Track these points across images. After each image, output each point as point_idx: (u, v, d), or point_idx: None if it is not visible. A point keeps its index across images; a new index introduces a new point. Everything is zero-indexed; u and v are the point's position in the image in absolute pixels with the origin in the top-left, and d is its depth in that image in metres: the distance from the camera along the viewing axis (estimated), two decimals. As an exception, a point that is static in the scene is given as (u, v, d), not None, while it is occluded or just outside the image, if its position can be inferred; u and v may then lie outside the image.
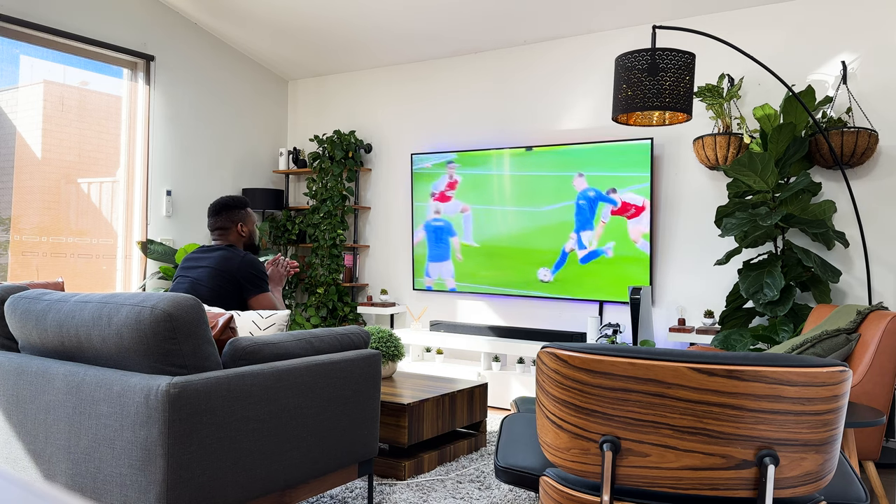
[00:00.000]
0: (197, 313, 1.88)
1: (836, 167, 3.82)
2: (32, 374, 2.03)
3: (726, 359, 1.31)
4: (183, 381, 1.77)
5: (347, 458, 2.36)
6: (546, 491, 1.59)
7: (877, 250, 3.81)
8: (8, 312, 2.18)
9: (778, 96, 4.07)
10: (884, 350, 2.75)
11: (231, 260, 2.91)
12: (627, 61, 2.71)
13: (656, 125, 2.97)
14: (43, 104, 4.43)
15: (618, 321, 4.52)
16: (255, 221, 3.23)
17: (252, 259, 2.97)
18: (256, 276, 2.93)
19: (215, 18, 5.13)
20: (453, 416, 3.27)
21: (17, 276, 4.29)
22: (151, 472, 1.75)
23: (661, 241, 4.42)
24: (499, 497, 2.73)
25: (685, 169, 4.34)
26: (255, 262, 2.97)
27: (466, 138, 5.15)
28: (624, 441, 1.38)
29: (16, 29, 4.22)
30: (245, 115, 5.70)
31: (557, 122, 4.78)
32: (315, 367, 2.21)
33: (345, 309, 5.40)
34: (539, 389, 1.48)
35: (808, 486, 1.37)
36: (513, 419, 2.11)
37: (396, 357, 3.46)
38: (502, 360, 4.77)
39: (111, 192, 4.86)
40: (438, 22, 4.73)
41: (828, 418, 1.32)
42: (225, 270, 2.89)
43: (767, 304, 3.52)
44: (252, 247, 3.17)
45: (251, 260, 2.96)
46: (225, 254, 2.94)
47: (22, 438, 2.05)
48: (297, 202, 6.03)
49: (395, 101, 5.51)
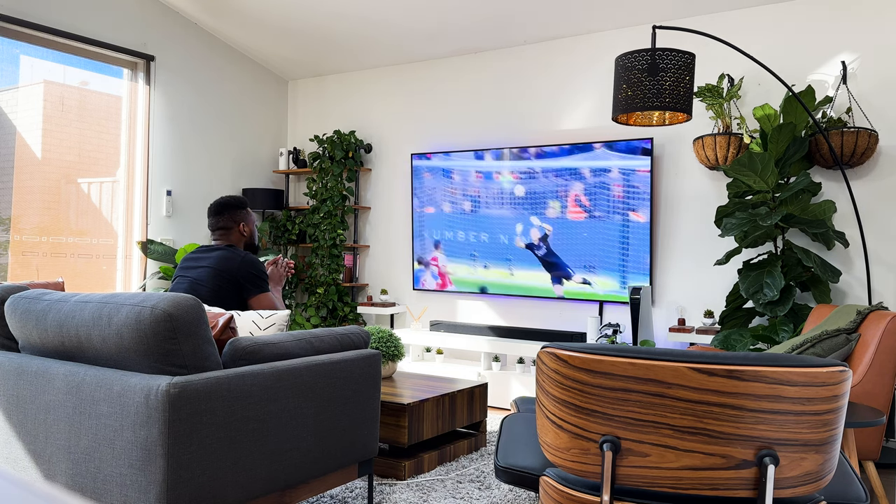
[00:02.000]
0: (197, 313, 1.88)
1: (836, 167, 3.82)
2: (32, 374, 2.03)
3: (726, 359, 1.31)
4: (183, 381, 1.77)
5: (347, 458, 2.36)
6: (546, 491, 1.59)
7: (877, 250, 3.81)
8: (8, 312, 2.18)
9: (778, 96, 4.07)
10: (884, 350, 2.75)
11: (231, 260, 2.90)
12: (627, 61, 2.71)
13: (656, 125, 2.97)
14: (43, 104, 4.43)
15: (618, 321, 4.52)
16: (255, 221, 3.23)
17: (252, 259, 2.96)
18: (257, 276, 2.93)
19: (215, 18, 5.13)
20: (453, 416, 3.27)
21: (17, 276, 4.29)
22: (151, 472, 1.75)
23: (661, 241, 4.42)
24: (499, 497, 2.73)
25: (685, 169, 4.34)
26: (255, 261, 2.96)
27: (466, 138, 5.15)
28: (624, 441, 1.38)
29: (16, 29, 4.22)
30: (245, 115, 5.70)
31: (557, 122, 4.78)
32: (315, 367, 2.21)
33: (345, 309, 5.40)
34: (539, 389, 1.48)
35: (808, 486, 1.37)
36: (513, 419, 2.11)
37: (396, 357, 3.46)
38: (502, 360, 4.77)
39: (111, 192, 4.86)
40: (438, 22, 4.73)
41: (828, 418, 1.32)
42: (225, 270, 2.88)
43: (767, 304, 3.52)
44: (252, 246, 3.16)
45: (251, 260, 2.95)
46: (225, 254, 2.93)
47: (22, 438, 2.05)
48: (297, 202, 6.03)
49: (395, 101, 5.51)
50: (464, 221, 5.00)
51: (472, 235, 4.96)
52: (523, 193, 4.74)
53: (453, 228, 5.04)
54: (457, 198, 5.02)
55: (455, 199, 5.03)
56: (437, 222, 5.12)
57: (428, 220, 5.15)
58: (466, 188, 4.97)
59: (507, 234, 4.82)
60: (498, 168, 4.83)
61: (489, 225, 4.89)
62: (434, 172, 5.11)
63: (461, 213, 5.00)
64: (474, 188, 4.94)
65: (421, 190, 5.17)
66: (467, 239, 4.99)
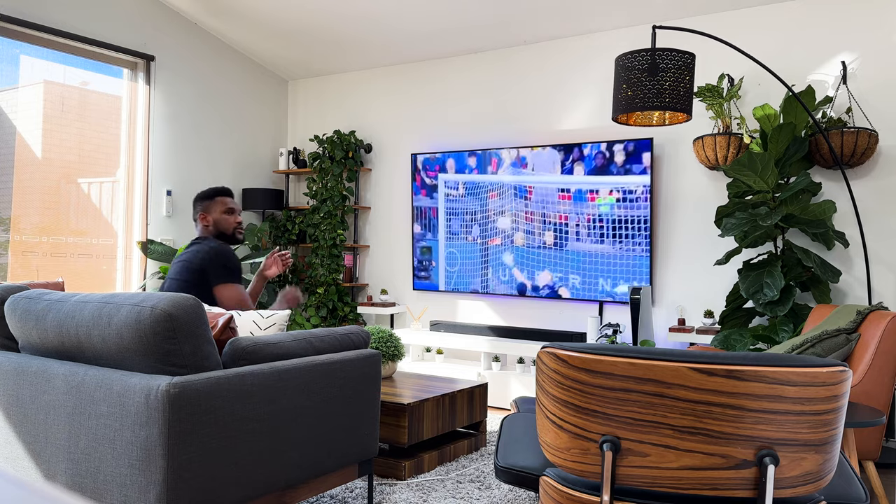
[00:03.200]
0: (197, 313, 1.88)
1: (836, 167, 3.82)
2: (32, 374, 2.03)
3: (726, 359, 1.31)
4: (183, 381, 1.77)
5: (347, 457, 2.36)
6: (546, 491, 1.59)
7: (877, 250, 3.81)
8: (8, 312, 2.18)
9: (778, 96, 4.07)
10: (884, 350, 2.75)
11: (198, 252, 2.88)
12: (627, 61, 2.71)
13: (656, 125, 2.97)
14: (43, 104, 4.43)
15: (618, 321, 4.52)
16: (221, 209, 3.06)
17: (221, 249, 2.89)
18: (223, 266, 2.85)
19: (215, 18, 5.13)
20: (453, 416, 3.27)
21: (17, 276, 4.29)
22: (151, 472, 1.75)
23: (661, 241, 4.42)
24: (499, 497, 2.73)
25: (685, 169, 4.34)
26: (223, 252, 2.88)
27: (466, 138, 5.15)
28: (624, 441, 1.38)
29: (16, 29, 4.22)
30: (245, 115, 5.70)
31: (557, 121, 4.78)
32: (315, 367, 2.21)
33: (345, 309, 5.40)
34: (539, 389, 1.48)
35: (808, 486, 1.37)
36: (513, 419, 2.11)
37: (396, 357, 3.46)
38: (502, 360, 4.77)
39: (111, 192, 4.86)
40: (438, 22, 4.73)
41: (828, 418, 1.32)
42: (191, 262, 2.86)
43: (767, 304, 3.52)
44: (226, 237, 3.07)
45: (220, 251, 2.88)
46: (194, 247, 2.93)
47: (22, 438, 2.05)
48: (298, 202, 6.03)
49: (395, 101, 5.51)
50: (464, 221, 5.00)
51: (472, 235, 4.96)
52: (523, 193, 4.74)
53: (453, 227, 5.04)
54: (457, 198, 5.02)
55: (455, 199, 5.03)
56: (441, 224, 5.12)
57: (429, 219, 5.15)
58: (466, 187, 4.97)
59: (507, 234, 4.82)
60: (498, 167, 4.83)
61: (489, 225, 4.89)
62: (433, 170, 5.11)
63: (462, 213, 5.00)
64: (474, 187, 4.94)
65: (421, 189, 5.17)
66: (466, 239, 4.98)
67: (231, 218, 3.07)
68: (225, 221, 3.05)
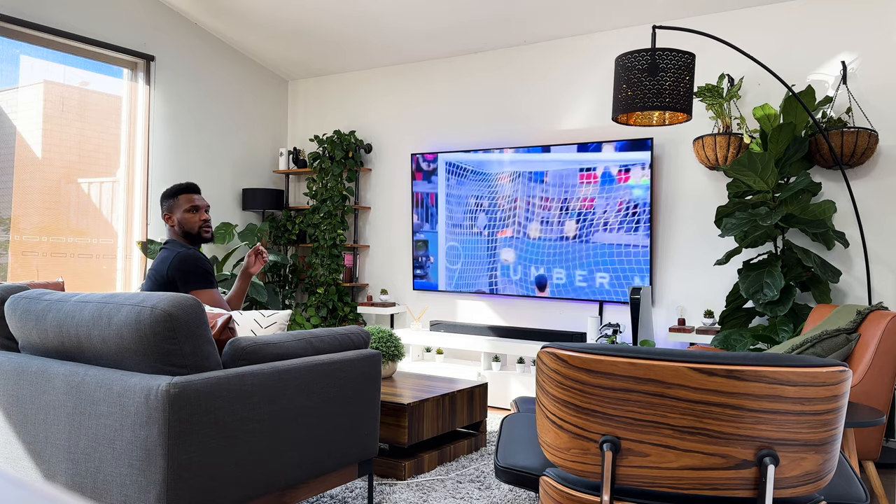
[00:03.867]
0: (197, 313, 1.88)
1: (836, 167, 3.82)
2: (32, 374, 2.03)
3: (726, 359, 1.31)
4: (183, 381, 1.77)
5: (347, 457, 2.36)
6: (546, 491, 1.59)
7: (877, 250, 3.81)
8: (8, 312, 2.18)
9: (778, 96, 4.07)
10: (884, 350, 2.75)
11: (164, 261, 2.74)
12: (627, 61, 2.71)
13: (656, 125, 2.97)
14: (43, 104, 4.43)
15: (618, 321, 4.52)
16: (185, 207, 2.86)
17: (185, 255, 2.73)
18: (190, 273, 2.70)
19: (215, 18, 5.13)
20: (453, 416, 3.27)
21: (17, 276, 4.29)
22: (151, 472, 1.75)
23: (660, 241, 4.42)
24: (499, 497, 2.73)
25: (685, 169, 4.34)
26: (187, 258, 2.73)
27: (466, 138, 5.15)
28: (624, 441, 1.38)
29: (16, 29, 4.22)
30: (245, 115, 5.70)
31: (557, 121, 4.78)
32: (315, 367, 2.21)
33: (345, 309, 5.40)
34: (539, 389, 1.48)
35: (808, 486, 1.37)
36: (513, 419, 2.11)
37: (396, 357, 3.46)
38: (502, 360, 4.77)
39: (111, 192, 4.86)
40: (438, 22, 4.73)
41: (828, 418, 1.32)
42: (158, 271, 2.73)
43: (767, 304, 3.52)
44: (193, 237, 2.87)
45: (183, 256, 2.73)
46: (161, 254, 2.80)
47: (22, 438, 2.05)
48: (298, 202, 6.03)
49: (395, 101, 5.51)
50: (464, 220, 5.00)
51: (471, 235, 4.96)
52: (522, 193, 4.74)
53: (453, 227, 5.04)
54: (457, 197, 5.02)
55: (454, 199, 5.02)
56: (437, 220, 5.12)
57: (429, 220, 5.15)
58: (466, 187, 4.97)
59: (507, 232, 4.82)
60: (497, 167, 4.83)
61: (489, 224, 4.89)
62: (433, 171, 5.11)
63: (461, 213, 5.00)
64: (474, 187, 4.94)
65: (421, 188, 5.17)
66: (466, 238, 4.98)
67: (195, 216, 2.86)
68: (189, 221, 2.85)
